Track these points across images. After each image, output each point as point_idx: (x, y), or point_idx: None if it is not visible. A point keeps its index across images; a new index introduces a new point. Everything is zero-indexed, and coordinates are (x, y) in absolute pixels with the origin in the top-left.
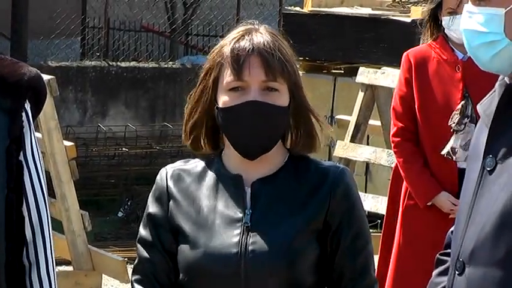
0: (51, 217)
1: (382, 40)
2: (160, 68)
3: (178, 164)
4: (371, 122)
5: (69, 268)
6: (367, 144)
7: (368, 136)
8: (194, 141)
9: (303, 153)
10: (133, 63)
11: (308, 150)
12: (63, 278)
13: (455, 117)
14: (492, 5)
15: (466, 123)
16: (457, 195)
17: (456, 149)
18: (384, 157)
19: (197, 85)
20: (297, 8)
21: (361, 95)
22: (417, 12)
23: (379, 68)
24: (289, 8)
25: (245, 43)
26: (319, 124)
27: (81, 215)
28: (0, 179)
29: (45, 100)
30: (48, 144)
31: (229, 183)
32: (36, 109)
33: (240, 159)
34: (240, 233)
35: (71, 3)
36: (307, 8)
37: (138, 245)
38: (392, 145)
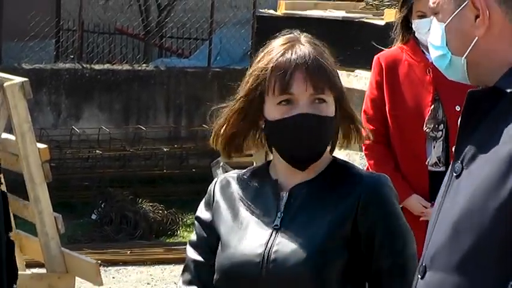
0: (24, 219)
1: (356, 43)
2: (134, 70)
3: (231, 172)
4: None
5: (42, 270)
6: (340, 148)
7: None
8: (234, 149)
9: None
10: (107, 66)
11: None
12: (36, 280)
13: (429, 122)
14: (439, 19)
15: (442, 129)
16: (428, 198)
17: (442, 159)
18: (357, 160)
19: (240, 96)
20: (271, 11)
21: None
22: (391, 15)
23: (353, 71)
24: (263, 11)
25: (290, 56)
26: (361, 132)
27: (55, 217)
28: None
29: None
30: (21, 147)
31: (269, 188)
32: None
33: (285, 166)
34: (269, 235)
35: (45, 5)
36: (281, 11)
37: (187, 247)
38: (363, 148)
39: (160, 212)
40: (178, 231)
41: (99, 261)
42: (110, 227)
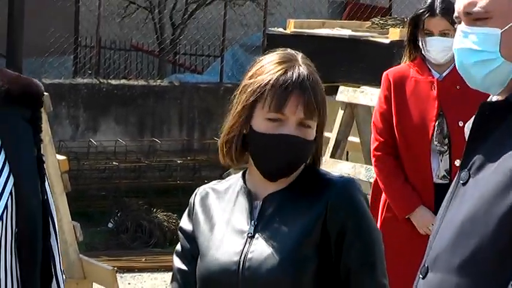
0: None
1: (362, 60)
2: (149, 85)
3: (212, 183)
4: (350, 138)
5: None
6: (347, 160)
7: (347, 152)
8: (228, 154)
9: (316, 166)
10: (123, 81)
11: (318, 164)
12: None
13: (437, 137)
14: (489, 25)
15: (447, 143)
16: (433, 209)
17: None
18: (363, 172)
19: (236, 104)
20: (280, 29)
21: (340, 112)
22: (395, 34)
23: (358, 87)
24: (273, 29)
25: (290, 76)
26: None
27: (73, 226)
28: (35, 184)
29: None
30: None
31: (243, 198)
32: None
33: (259, 176)
34: (244, 243)
35: (64, 22)
36: (290, 29)
37: (174, 256)
38: (374, 159)
39: (174, 221)
40: None
41: (116, 268)
42: (125, 235)
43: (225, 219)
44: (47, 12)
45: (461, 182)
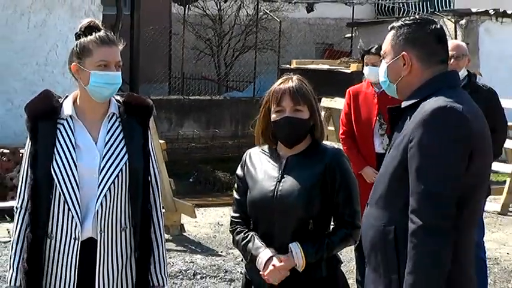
0: None
1: (334, 82)
2: (213, 99)
3: (257, 147)
4: (329, 128)
5: (162, 210)
6: (327, 140)
7: (327, 136)
8: (258, 138)
9: (320, 140)
10: (197, 97)
11: (322, 138)
12: None
13: (378, 126)
14: (385, 61)
15: (385, 129)
16: (376, 168)
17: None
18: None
19: (261, 110)
20: (287, 65)
21: (323, 113)
22: (354, 67)
23: (333, 98)
24: (283, 65)
25: (282, 86)
26: (324, 126)
27: (169, 181)
28: (140, 160)
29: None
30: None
31: (275, 157)
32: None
33: (283, 145)
34: (275, 184)
35: (162, 62)
36: (293, 65)
37: (234, 191)
38: (341, 139)
39: (228, 177)
40: None
41: (194, 204)
42: (199, 186)
43: (263, 169)
44: (152, 55)
45: (388, 152)
